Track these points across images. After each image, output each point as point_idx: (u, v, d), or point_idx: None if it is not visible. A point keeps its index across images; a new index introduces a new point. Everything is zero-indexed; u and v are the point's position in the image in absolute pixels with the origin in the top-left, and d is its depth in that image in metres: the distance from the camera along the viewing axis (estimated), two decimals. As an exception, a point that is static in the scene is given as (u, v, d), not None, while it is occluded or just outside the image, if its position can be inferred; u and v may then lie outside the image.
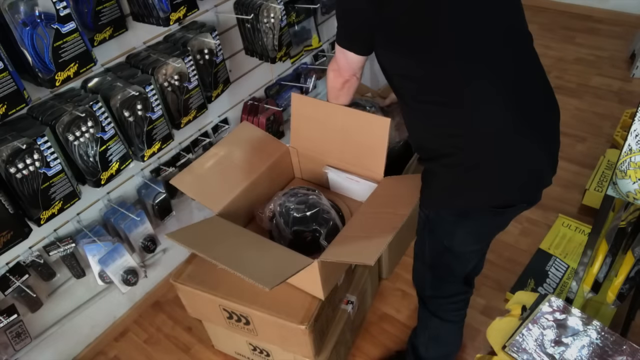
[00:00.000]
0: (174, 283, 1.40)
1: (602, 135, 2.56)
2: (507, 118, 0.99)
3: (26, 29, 1.08)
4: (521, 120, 1.00)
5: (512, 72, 1.00)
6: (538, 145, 1.04)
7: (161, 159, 1.73)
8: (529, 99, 1.03)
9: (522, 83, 1.02)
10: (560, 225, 2.07)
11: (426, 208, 1.18)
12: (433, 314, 1.34)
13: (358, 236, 1.25)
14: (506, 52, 1.01)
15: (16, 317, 1.39)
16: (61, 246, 1.45)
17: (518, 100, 1.00)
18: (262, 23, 1.70)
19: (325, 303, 1.34)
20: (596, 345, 1.19)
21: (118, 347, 1.83)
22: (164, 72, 1.47)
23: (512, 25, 1.04)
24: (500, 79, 0.99)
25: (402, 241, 1.98)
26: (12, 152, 1.14)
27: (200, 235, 1.34)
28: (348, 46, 1.12)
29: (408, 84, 1.06)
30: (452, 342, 1.42)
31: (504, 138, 1.00)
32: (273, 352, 1.51)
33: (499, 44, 1.00)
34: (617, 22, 3.52)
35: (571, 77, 3.04)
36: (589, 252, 1.24)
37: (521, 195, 1.08)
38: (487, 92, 0.98)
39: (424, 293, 1.35)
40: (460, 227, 1.13)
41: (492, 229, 1.18)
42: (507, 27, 1.02)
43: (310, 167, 1.64)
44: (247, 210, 1.53)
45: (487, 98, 0.98)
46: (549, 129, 1.09)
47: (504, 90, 0.99)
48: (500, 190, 1.06)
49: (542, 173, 1.08)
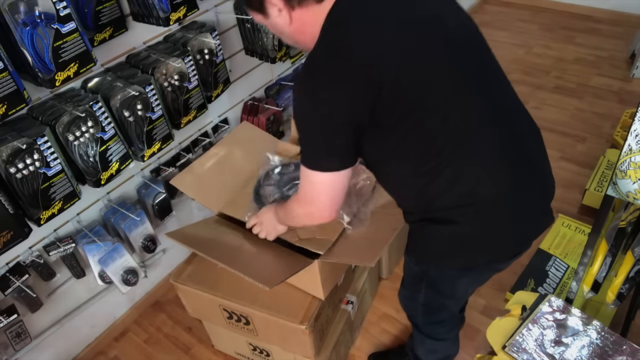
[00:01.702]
0: (174, 283, 1.40)
1: (602, 135, 2.56)
2: (506, 177, 0.94)
3: (26, 29, 1.08)
4: (520, 173, 0.96)
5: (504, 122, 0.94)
6: (539, 195, 1.02)
7: (161, 159, 1.73)
8: (521, 143, 0.98)
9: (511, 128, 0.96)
10: (560, 225, 2.07)
11: (424, 263, 1.11)
12: (427, 336, 1.33)
13: (358, 237, 1.25)
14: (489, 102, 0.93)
15: (16, 317, 1.39)
16: (61, 246, 1.45)
17: (514, 150, 0.95)
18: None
19: (325, 303, 1.34)
20: (596, 345, 1.19)
21: (118, 347, 1.83)
22: (164, 72, 1.47)
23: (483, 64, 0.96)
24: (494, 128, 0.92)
25: (402, 241, 1.97)
26: (12, 152, 1.14)
27: (200, 235, 1.35)
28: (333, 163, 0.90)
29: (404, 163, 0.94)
30: (451, 349, 1.42)
31: (508, 196, 0.95)
32: (273, 352, 1.51)
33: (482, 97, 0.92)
34: (617, 22, 3.52)
35: (571, 77, 3.04)
36: (589, 252, 1.24)
37: (526, 244, 1.05)
38: (487, 152, 0.92)
39: (416, 320, 1.33)
40: (464, 278, 1.10)
41: (495, 272, 1.15)
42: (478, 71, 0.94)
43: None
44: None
45: (487, 157, 0.92)
46: (541, 165, 1.03)
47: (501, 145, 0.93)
48: (508, 246, 1.02)
49: (547, 216, 1.05)
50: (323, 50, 0.87)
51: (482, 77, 0.93)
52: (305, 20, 0.90)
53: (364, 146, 0.92)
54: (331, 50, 0.85)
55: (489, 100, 0.93)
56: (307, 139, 0.91)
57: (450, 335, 1.35)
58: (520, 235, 1.02)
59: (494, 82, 0.96)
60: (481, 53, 0.96)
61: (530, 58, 3.26)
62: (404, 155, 0.92)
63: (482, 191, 0.93)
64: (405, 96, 0.85)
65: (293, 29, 0.93)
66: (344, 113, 0.85)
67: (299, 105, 0.89)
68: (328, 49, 0.86)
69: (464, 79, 0.90)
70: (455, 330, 1.37)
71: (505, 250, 1.03)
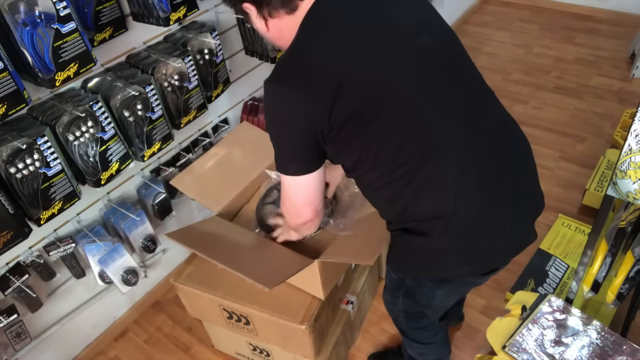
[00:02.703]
0: (174, 283, 1.40)
1: (602, 135, 2.56)
2: (480, 192, 0.91)
3: (26, 29, 1.08)
4: (498, 190, 0.93)
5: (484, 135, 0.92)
6: (522, 211, 0.99)
7: (161, 159, 1.73)
8: (499, 156, 0.94)
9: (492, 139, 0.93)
10: (560, 225, 2.07)
11: (401, 273, 1.11)
12: (413, 340, 1.34)
13: (358, 236, 1.25)
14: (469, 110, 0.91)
15: (16, 317, 1.39)
16: (61, 246, 1.45)
17: (490, 164, 0.92)
18: (262, 23, 1.70)
19: (325, 303, 1.34)
20: (596, 345, 1.19)
21: (118, 347, 1.83)
22: (164, 72, 1.47)
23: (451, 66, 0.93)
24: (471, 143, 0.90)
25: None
26: (12, 152, 1.14)
27: (200, 235, 1.35)
28: (299, 167, 0.93)
29: (374, 171, 0.93)
30: (440, 351, 1.42)
31: (483, 212, 0.93)
32: (273, 352, 1.51)
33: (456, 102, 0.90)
34: (617, 22, 3.52)
35: (571, 77, 3.04)
36: (588, 252, 1.24)
37: (503, 261, 1.03)
38: (456, 165, 0.89)
39: (400, 325, 1.34)
40: (439, 290, 1.09)
41: (473, 286, 1.14)
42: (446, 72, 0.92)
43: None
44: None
45: (456, 170, 0.89)
46: (526, 180, 1.00)
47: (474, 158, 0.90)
48: (488, 261, 1.00)
49: (527, 234, 1.02)
50: (288, 56, 0.89)
51: (454, 85, 0.91)
52: (281, 28, 0.93)
53: (332, 152, 0.93)
54: (295, 56, 0.88)
55: (461, 112, 0.90)
56: (274, 143, 0.93)
57: (437, 339, 1.35)
58: (497, 252, 0.99)
59: (468, 90, 0.94)
60: (456, 61, 0.94)
61: (530, 58, 3.26)
62: (372, 162, 0.91)
63: (451, 205, 0.90)
64: (366, 104, 0.85)
65: (271, 34, 0.96)
66: (303, 118, 0.86)
67: (265, 109, 0.92)
68: (293, 54, 0.88)
69: (430, 88, 0.88)
70: (442, 334, 1.37)
71: (480, 266, 1.01)
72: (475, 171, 0.90)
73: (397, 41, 0.88)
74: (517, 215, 0.98)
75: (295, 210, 1.04)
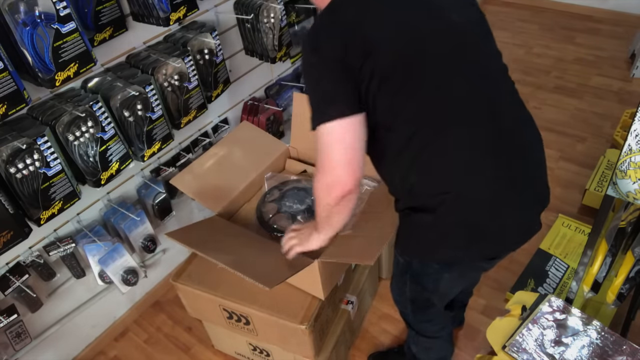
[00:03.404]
0: (174, 283, 1.40)
1: (602, 135, 2.56)
2: (491, 171, 0.93)
3: (26, 29, 1.08)
4: (512, 172, 0.95)
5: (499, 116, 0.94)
6: (532, 197, 1.01)
7: (161, 159, 1.73)
8: (516, 141, 0.97)
9: (507, 122, 0.96)
10: (560, 225, 2.07)
11: (408, 256, 1.12)
12: (419, 333, 1.35)
13: (358, 236, 1.25)
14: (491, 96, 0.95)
15: (16, 317, 1.39)
16: (61, 246, 1.45)
17: (505, 147, 0.95)
18: (262, 23, 1.71)
19: (325, 303, 1.34)
20: (596, 345, 1.19)
21: (118, 347, 1.83)
22: (164, 72, 1.47)
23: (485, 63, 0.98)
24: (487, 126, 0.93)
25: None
26: (12, 152, 1.14)
27: (200, 235, 1.35)
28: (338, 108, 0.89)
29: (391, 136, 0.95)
30: (445, 348, 1.43)
31: (492, 192, 0.95)
32: (273, 352, 1.51)
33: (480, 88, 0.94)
34: (617, 22, 3.52)
35: (571, 77, 3.04)
36: (589, 252, 1.24)
37: (512, 245, 1.04)
38: (477, 141, 0.92)
39: (407, 317, 1.35)
40: (446, 274, 1.10)
41: (480, 272, 1.15)
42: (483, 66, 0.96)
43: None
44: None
45: (476, 147, 0.92)
46: (538, 169, 1.03)
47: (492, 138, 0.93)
48: (493, 244, 1.02)
49: (533, 222, 1.03)
50: (326, 12, 0.93)
51: (480, 65, 0.95)
52: None
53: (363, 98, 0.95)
54: (332, 12, 0.92)
55: (483, 92, 0.93)
56: (311, 92, 0.93)
57: (443, 334, 1.36)
58: (503, 235, 1.00)
59: (492, 73, 0.98)
60: (479, 44, 0.98)
61: (530, 58, 3.26)
62: (390, 123, 0.93)
63: (460, 181, 0.93)
64: (394, 65, 0.88)
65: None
66: (339, 60, 0.88)
67: (302, 61, 0.95)
68: (330, 11, 0.92)
69: (458, 60, 0.92)
70: (447, 330, 1.37)
71: (485, 249, 1.03)
72: (486, 150, 0.93)
73: (431, 16, 0.92)
74: (524, 201, 0.99)
75: (333, 173, 0.93)
